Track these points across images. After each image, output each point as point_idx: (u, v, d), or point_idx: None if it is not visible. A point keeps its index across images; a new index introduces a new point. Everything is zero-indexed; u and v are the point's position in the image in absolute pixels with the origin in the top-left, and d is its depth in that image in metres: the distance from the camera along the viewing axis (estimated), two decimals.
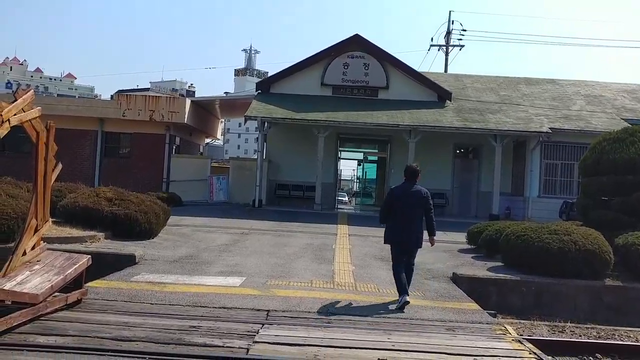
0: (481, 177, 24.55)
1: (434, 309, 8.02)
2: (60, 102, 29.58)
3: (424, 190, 8.24)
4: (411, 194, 8.18)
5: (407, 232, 8.14)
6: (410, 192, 8.19)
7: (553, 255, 10.24)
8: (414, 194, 8.17)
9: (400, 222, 8.17)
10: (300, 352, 5.65)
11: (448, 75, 30.67)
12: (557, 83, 28.77)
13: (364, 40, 24.89)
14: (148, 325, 6.32)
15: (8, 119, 6.14)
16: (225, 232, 14.88)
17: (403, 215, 8.14)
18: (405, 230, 8.13)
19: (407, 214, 8.13)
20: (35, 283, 6.35)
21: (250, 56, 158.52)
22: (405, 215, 8.14)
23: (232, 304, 7.59)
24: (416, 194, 8.17)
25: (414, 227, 8.13)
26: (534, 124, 22.72)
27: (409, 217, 8.13)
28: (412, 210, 8.15)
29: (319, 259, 11.75)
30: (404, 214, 8.14)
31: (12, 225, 10.36)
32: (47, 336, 5.67)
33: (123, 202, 12.92)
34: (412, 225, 8.12)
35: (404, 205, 8.16)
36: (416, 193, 8.18)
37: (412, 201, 8.15)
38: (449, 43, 40.25)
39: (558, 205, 20.76)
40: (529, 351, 6.18)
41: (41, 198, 7.11)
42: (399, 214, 8.17)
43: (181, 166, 25.62)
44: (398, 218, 8.19)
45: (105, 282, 8.59)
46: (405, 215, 8.14)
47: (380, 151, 27.20)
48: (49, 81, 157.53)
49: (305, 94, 24.33)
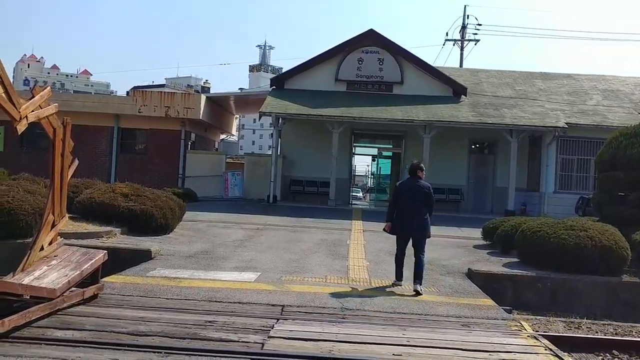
0: (497, 172, 24.41)
1: (449, 305, 8.00)
2: (76, 98, 29.87)
3: (427, 186, 8.87)
4: (415, 189, 8.78)
5: (411, 225, 8.73)
6: (414, 187, 8.80)
7: (569, 251, 10.17)
8: (418, 188, 8.77)
9: (404, 215, 8.76)
10: (315, 347, 5.66)
11: (463, 70, 30.51)
12: (573, 78, 28.49)
13: (379, 35, 24.80)
14: (164, 320, 6.36)
15: (26, 115, 6.20)
16: (240, 228, 14.93)
17: (407, 209, 8.74)
18: (410, 223, 8.72)
19: (411, 207, 8.72)
20: (53, 278, 6.41)
21: (265, 52, 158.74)
22: (409, 209, 8.72)
23: (247, 299, 7.62)
24: (420, 189, 8.76)
25: (418, 220, 8.70)
26: (550, 119, 22.54)
27: (412, 211, 8.71)
28: (415, 204, 8.72)
29: (333, 254, 11.76)
30: (408, 208, 8.74)
31: (30, 220, 10.47)
32: (65, 330, 5.73)
33: (139, 197, 13.00)
34: (415, 218, 8.70)
35: (408, 199, 8.75)
36: (420, 188, 8.77)
37: (415, 196, 8.73)
38: (464, 38, 39.98)
39: (574, 201, 20.60)
40: (544, 347, 6.14)
41: (58, 194, 7.17)
42: (404, 208, 8.77)
43: (196, 162, 25.71)
44: (403, 211, 8.79)
45: (121, 277, 8.66)
46: (409, 208, 8.73)
47: (395, 147, 27.11)
48: (66, 78, 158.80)
49: (319, 89, 24.31)
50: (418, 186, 8.79)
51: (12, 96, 5.91)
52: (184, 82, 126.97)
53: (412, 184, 8.85)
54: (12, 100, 5.92)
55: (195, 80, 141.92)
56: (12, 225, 10.37)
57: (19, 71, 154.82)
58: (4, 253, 10.25)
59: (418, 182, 8.83)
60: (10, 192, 11.00)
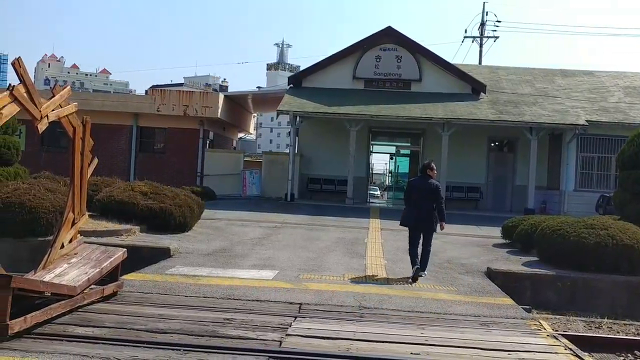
0: (516, 170, 24.21)
1: (467, 304, 7.95)
2: (95, 97, 30.17)
3: (434, 184, 9.58)
4: (424, 186, 9.54)
5: (419, 218, 9.48)
6: (423, 185, 9.56)
7: (589, 250, 10.06)
8: (427, 186, 9.51)
9: (414, 209, 9.56)
10: (332, 345, 5.66)
11: (482, 67, 30.28)
12: (594, 74, 28.15)
13: (397, 33, 24.70)
14: (183, 317, 6.40)
15: (46, 114, 6.26)
16: (258, 226, 14.97)
17: (417, 204, 9.53)
18: (417, 216, 9.50)
19: (419, 202, 9.50)
20: (73, 275, 6.48)
21: (282, 50, 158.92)
22: (418, 204, 9.52)
23: (265, 297, 7.64)
24: (428, 187, 9.49)
25: (425, 214, 9.45)
26: (570, 117, 22.30)
27: (420, 206, 9.49)
28: (423, 201, 9.48)
29: (351, 253, 11.75)
30: (417, 203, 9.53)
31: (51, 218, 10.60)
32: (85, 327, 5.78)
33: (158, 196, 13.09)
34: (422, 212, 9.46)
35: (417, 196, 9.54)
36: (428, 186, 9.51)
37: (424, 193, 9.49)
38: (483, 35, 39.74)
39: (594, 199, 20.39)
40: (564, 347, 6.08)
41: (78, 192, 7.24)
42: (414, 203, 9.59)
43: (215, 161, 25.82)
44: (412, 206, 9.62)
45: (140, 275, 8.73)
46: (418, 203, 9.52)
47: (413, 145, 27.00)
48: (85, 77, 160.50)
49: (337, 87, 24.28)
50: (428, 184, 9.51)
51: (33, 96, 5.98)
52: (202, 81, 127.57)
53: (423, 181, 9.60)
54: (33, 100, 5.99)
55: (213, 79, 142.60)
56: (33, 223, 10.51)
57: (40, 71, 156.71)
58: (26, 251, 10.40)
59: (428, 180, 9.55)
60: (32, 191, 11.14)
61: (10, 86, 5.72)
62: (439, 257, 11.75)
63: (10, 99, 5.70)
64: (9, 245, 10.27)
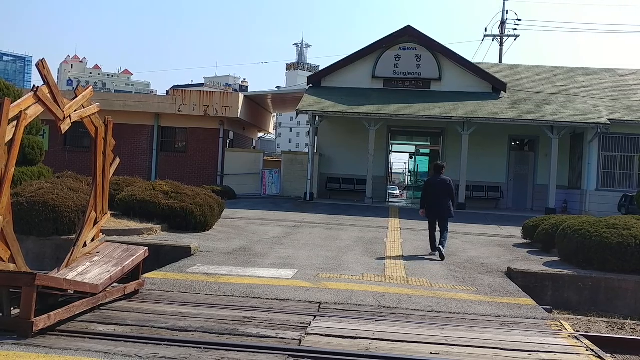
0: (537, 170, 24.01)
1: (487, 304, 7.91)
2: (117, 97, 30.41)
3: (448, 180, 11.71)
4: (439, 182, 11.65)
5: (437, 209, 11.67)
6: (438, 182, 11.67)
7: (612, 249, 9.95)
8: (441, 182, 11.64)
9: (433, 202, 11.70)
10: (352, 344, 5.67)
11: (503, 66, 30.05)
12: (616, 73, 27.78)
13: (416, 32, 24.63)
14: (203, 315, 6.45)
15: (69, 115, 6.36)
16: (278, 225, 15.03)
17: (434, 198, 11.67)
18: (436, 207, 11.68)
19: (436, 196, 11.64)
20: (95, 274, 6.56)
21: (302, 50, 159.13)
22: (435, 197, 11.65)
23: (284, 296, 7.67)
24: (442, 183, 11.63)
25: (442, 205, 11.60)
26: (592, 115, 22.05)
27: (438, 199, 11.63)
28: (439, 195, 11.61)
29: (370, 252, 11.74)
30: (434, 196, 11.67)
31: (73, 217, 10.75)
32: (107, 325, 5.86)
33: (179, 195, 13.20)
34: (440, 203, 11.61)
35: (433, 191, 11.68)
36: (442, 182, 11.64)
37: (439, 188, 11.62)
38: (504, 33, 39.40)
39: (617, 198, 20.16)
40: (586, 348, 6.02)
41: (100, 191, 7.33)
42: (432, 197, 11.70)
43: (235, 160, 25.97)
44: (431, 200, 11.72)
45: (161, 273, 8.81)
46: (435, 197, 11.65)
47: (433, 144, 26.89)
48: (107, 77, 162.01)
49: (356, 87, 24.28)
50: (442, 180, 11.63)
51: (57, 96, 6.07)
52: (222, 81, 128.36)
53: (437, 179, 11.69)
54: (56, 101, 6.08)
55: (233, 79, 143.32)
56: (56, 222, 10.67)
57: (63, 72, 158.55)
58: (50, 249, 10.57)
59: (441, 177, 11.66)
60: (55, 190, 11.30)
61: (35, 87, 5.82)
62: (459, 257, 11.70)
63: (34, 100, 5.80)
64: (33, 244, 10.44)
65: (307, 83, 26.17)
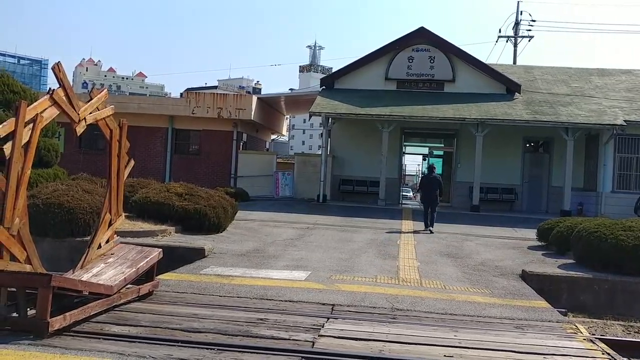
0: (552, 171, 23.80)
1: (502, 307, 7.87)
2: (132, 100, 30.60)
3: (437, 177, 16.35)
4: (431, 179, 15.98)
5: (429, 198, 15.74)
6: (431, 178, 16.01)
7: (628, 252, 9.86)
8: (432, 179, 15.96)
9: (426, 193, 15.88)
10: (365, 346, 5.66)
11: (517, 67, 29.87)
12: (632, 74, 27.50)
13: (429, 33, 24.54)
14: (216, 317, 6.47)
15: (84, 117, 6.41)
16: (291, 227, 15.04)
17: (427, 190, 15.86)
18: (428, 197, 15.77)
19: (428, 189, 15.81)
20: (110, 275, 6.61)
21: (315, 52, 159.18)
22: (428, 190, 15.82)
23: (297, 298, 7.68)
24: (433, 179, 15.94)
25: (432, 196, 15.65)
26: (607, 117, 21.85)
27: (429, 191, 15.73)
28: (431, 188, 15.75)
29: (383, 254, 11.72)
30: (427, 189, 15.88)
31: (88, 219, 10.82)
32: (121, 326, 5.89)
33: (193, 197, 13.25)
34: (431, 194, 15.67)
35: (427, 185, 15.97)
36: (433, 178, 15.98)
37: (431, 183, 15.83)
38: (518, 34, 39.18)
39: (633, 201, 19.98)
40: (601, 351, 5.97)
41: (115, 193, 7.38)
42: (425, 189, 15.97)
43: (248, 162, 26.03)
44: (425, 192, 15.95)
45: (175, 275, 8.85)
46: (428, 189, 15.84)
47: (447, 146, 26.77)
48: (122, 80, 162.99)
49: (369, 88, 24.22)
50: (433, 177, 16.04)
51: (72, 99, 6.13)
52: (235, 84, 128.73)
53: (430, 176, 16.11)
54: (71, 103, 6.14)
55: (246, 81, 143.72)
56: (71, 223, 10.76)
57: (78, 75, 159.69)
58: (65, 250, 10.64)
59: (433, 175, 16.12)
60: (70, 192, 11.39)
61: (51, 90, 5.88)
62: (473, 259, 11.65)
63: (50, 103, 5.86)
64: (49, 245, 10.52)
65: (320, 85, 26.16)
